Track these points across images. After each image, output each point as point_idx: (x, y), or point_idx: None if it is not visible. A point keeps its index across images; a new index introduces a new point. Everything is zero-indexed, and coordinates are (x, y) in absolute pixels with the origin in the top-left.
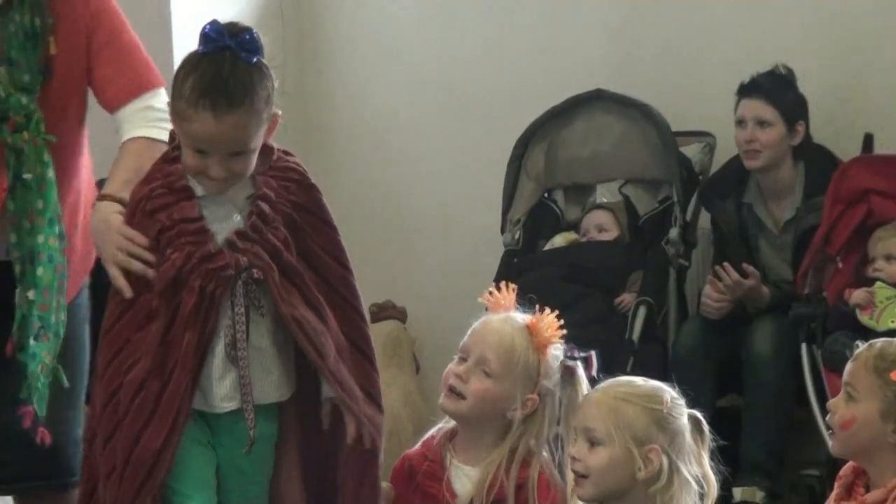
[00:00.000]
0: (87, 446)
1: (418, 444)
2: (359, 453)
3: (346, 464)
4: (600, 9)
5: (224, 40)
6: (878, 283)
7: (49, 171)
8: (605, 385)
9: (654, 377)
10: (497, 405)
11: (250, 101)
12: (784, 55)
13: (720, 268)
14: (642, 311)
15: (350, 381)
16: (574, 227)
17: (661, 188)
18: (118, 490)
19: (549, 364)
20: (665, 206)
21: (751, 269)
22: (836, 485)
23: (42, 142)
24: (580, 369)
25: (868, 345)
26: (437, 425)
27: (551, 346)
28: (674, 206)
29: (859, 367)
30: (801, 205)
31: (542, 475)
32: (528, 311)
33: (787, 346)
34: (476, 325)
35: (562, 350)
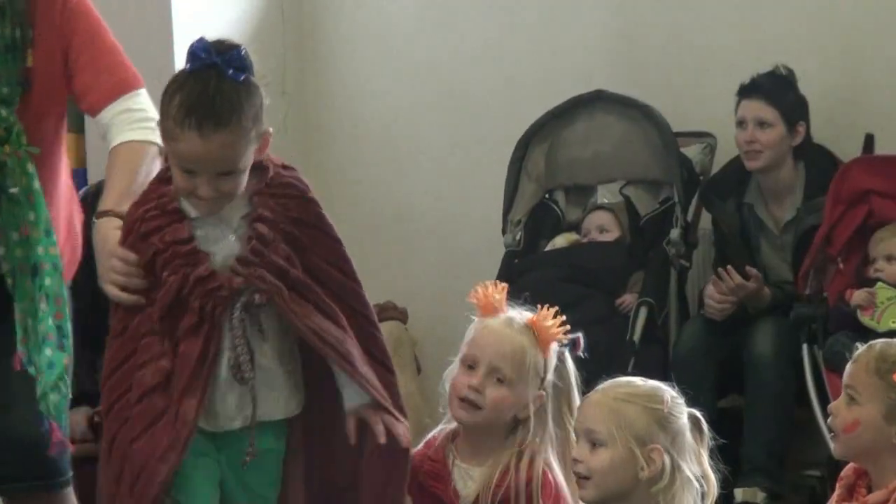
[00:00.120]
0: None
1: (420, 445)
2: (385, 455)
3: (370, 468)
4: (601, 9)
5: (211, 58)
6: (879, 284)
7: (35, 183)
8: (605, 386)
9: (655, 378)
10: (512, 410)
11: (237, 119)
12: (784, 55)
13: (723, 270)
14: (643, 311)
15: (381, 385)
16: (575, 227)
17: (661, 189)
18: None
19: (552, 359)
20: (666, 206)
21: (753, 271)
22: (838, 485)
23: (24, 154)
24: (566, 354)
25: (867, 346)
26: (438, 426)
27: (553, 343)
28: (675, 207)
29: (860, 369)
30: (801, 205)
31: (545, 474)
32: (526, 308)
33: (787, 347)
34: (476, 331)
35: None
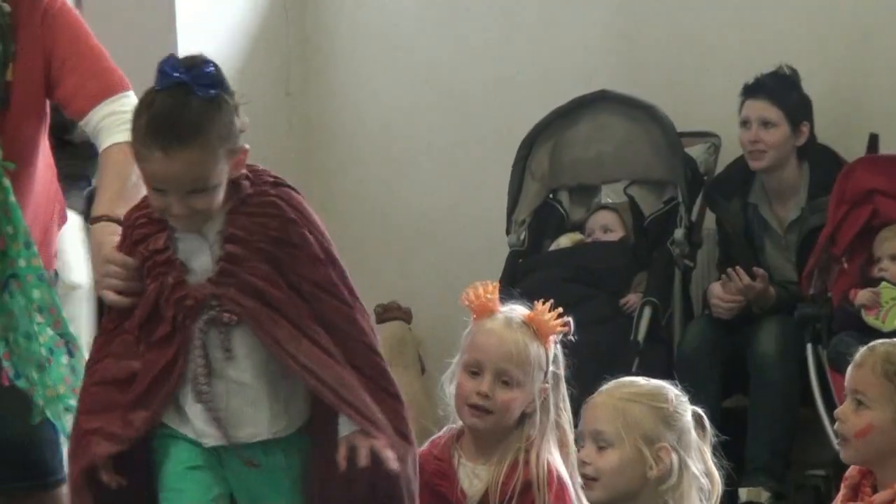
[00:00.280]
0: None
1: (425, 444)
2: (376, 480)
3: (362, 495)
4: (605, 9)
5: (179, 76)
6: (884, 284)
7: (10, 197)
8: (609, 387)
9: (660, 378)
10: (521, 408)
11: (204, 137)
12: (788, 56)
13: (732, 271)
14: (647, 311)
15: (372, 407)
16: (579, 227)
17: (665, 189)
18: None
19: (552, 349)
20: (670, 206)
21: (760, 271)
22: (843, 485)
23: (0, 168)
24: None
25: (868, 349)
26: (444, 427)
27: (553, 335)
28: (679, 207)
29: (867, 373)
30: (805, 205)
31: (550, 468)
32: (519, 302)
33: (792, 347)
34: (475, 335)
35: None
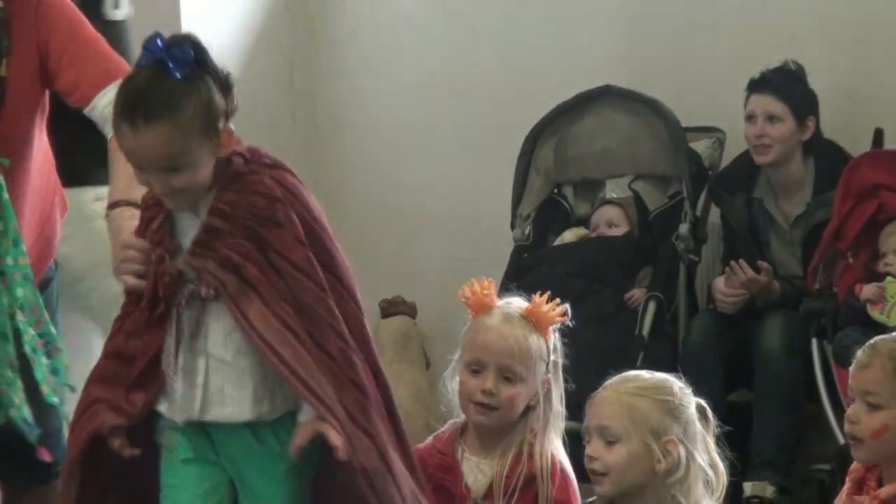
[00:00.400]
0: None
1: (429, 439)
2: (336, 470)
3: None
4: (609, 4)
5: (158, 53)
6: (889, 279)
7: (3, 194)
8: (614, 382)
9: (664, 372)
10: (526, 401)
11: (172, 115)
12: (793, 51)
13: (735, 264)
14: (652, 306)
15: (331, 394)
16: (583, 222)
17: (670, 184)
18: (69, 440)
19: (552, 339)
20: (675, 201)
21: (764, 265)
22: (848, 479)
23: None
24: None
25: (871, 349)
26: (448, 422)
27: (552, 325)
28: (683, 202)
29: (875, 373)
30: (811, 200)
31: (554, 461)
32: (515, 294)
33: (797, 342)
34: (475, 333)
35: None
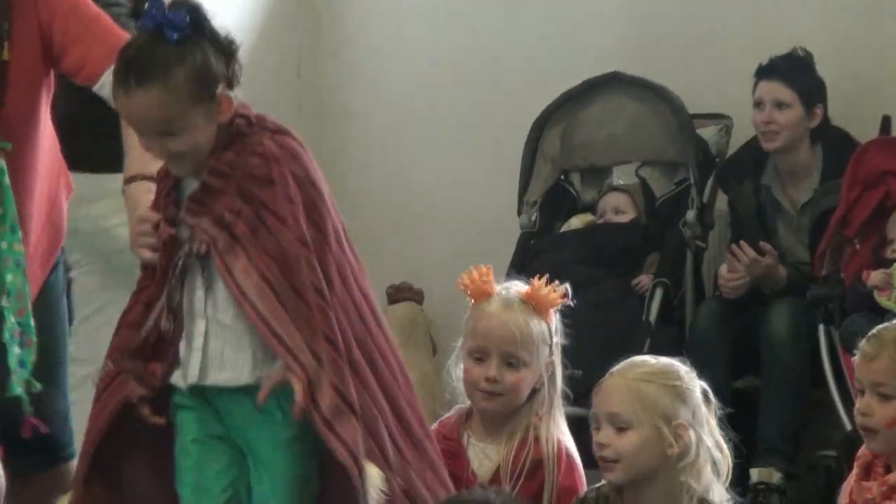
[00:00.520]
0: None
1: (435, 425)
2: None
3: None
4: None
5: (156, 18)
6: None
7: (4, 178)
8: (620, 369)
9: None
10: (531, 385)
11: (162, 78)
12: (801, 38)
13: (735, 247)
14: (659, 292)
15: (300, 344)
16: (590, 209)
17: (677, 170)
18: (94, 410)
19: (553, 321)
20: (682, 188)
21: (768, 247)
22: (855, 465)
23: None
24: None
25: (875, 339)
26: (453, 408)
27: (553, 308)
28: (690, 189)
29: (884, 363)
30: (818, 187)
31: (560, 445)
32: (514, 278)
33: (804, 328)
34: (477, 321)
35: None
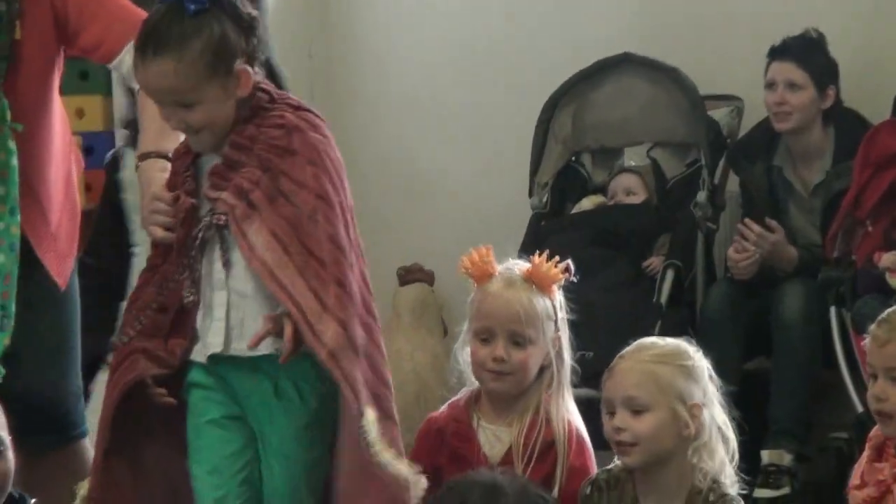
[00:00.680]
0: None
1: (444, 407)
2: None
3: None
4: None
5: None
6: None
7: (13, 159)
8: (631, 352)
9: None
10: (539, 363)
11: (178, 49)
12: (813, 19)
13: (742, 225)
14: (670, 274)
15: (306, 293)
16: (601, 190)
17: (689, 151)
18: (107, 389)
19: (557, 297)
20: (693, 169)
21: (774, 223)
22: (867, 446)
23: (7, 130)
24: None
25: (888, 324)
26: (461, 390)
27: (556, 283)
28: (702, 170)
29: None
30: (830, 168)
31: (570, 426)
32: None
33: (815, 310)
34: (480, 302)
35: None
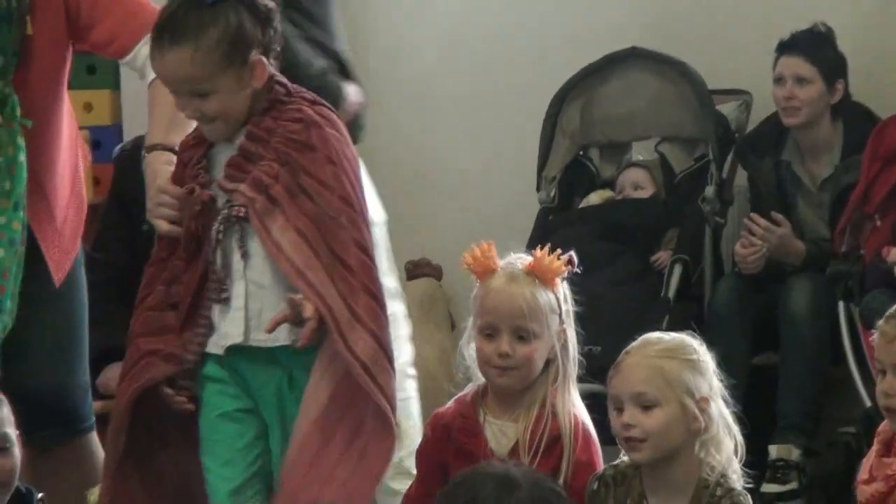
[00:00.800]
0: None
1: (450, 403)
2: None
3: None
4: None
5: None
6: None
7: (21, 155)
8: (636, 347)
9: (690, 335)
10: (544, 356)
11: (194, 38)
12: (821, 13)
13: (748, 219)
14: (678, 268)
15: (335, 296)
16: (609, 184)
17: (697, 146)
18: (119, 392)
19: (561, 289)
20: (701, 163)
21: (780, 217)
22: (876, 440)
23: (17, 126)
24: None
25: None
26: (468, 385)
27: (559, 276)
28: (710, 164)
29: None
30: (839, 163)
31: (576, 421)
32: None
33: (823, 304)
34: (483, 298)
35: None
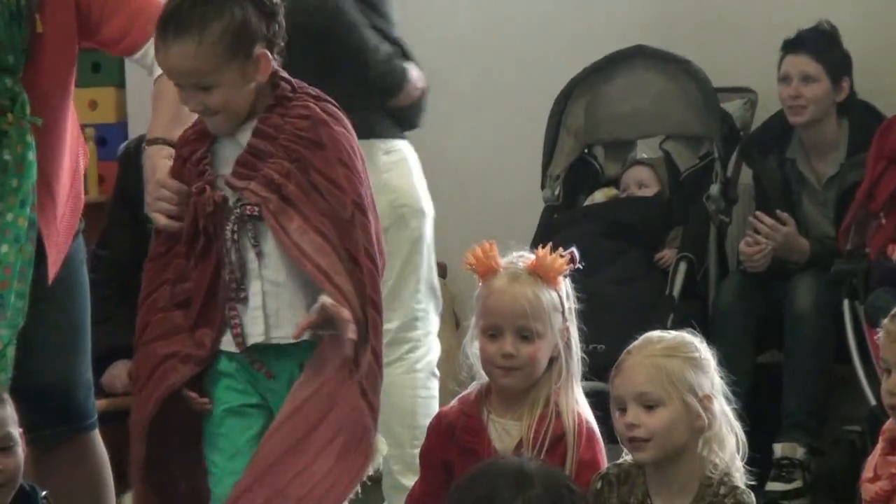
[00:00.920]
0: None
1: (454, 402)
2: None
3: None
4: None
5: None
6: None
7: (30, 153)
8: (637, 347)
9: (694, 333)
10: (548, 355)
11: (199, 31)
12: (826, 11)
13: (753, 218)
14: (682, 266)
15: (355, 300)
16: (614, 182)
17: (701, 144)
18: (139, 399)
19: (564, 287)
20: (706, 162)
21: (785, 215)
22: (881, 439)
23: (27, 124)
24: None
25: None
26: (472, 384)
27: (560, 274)
28: (714, 163)
29: None
30: (844, 161)
31: (580, 420)
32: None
33: (828, 302)
34: (486, 298)
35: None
